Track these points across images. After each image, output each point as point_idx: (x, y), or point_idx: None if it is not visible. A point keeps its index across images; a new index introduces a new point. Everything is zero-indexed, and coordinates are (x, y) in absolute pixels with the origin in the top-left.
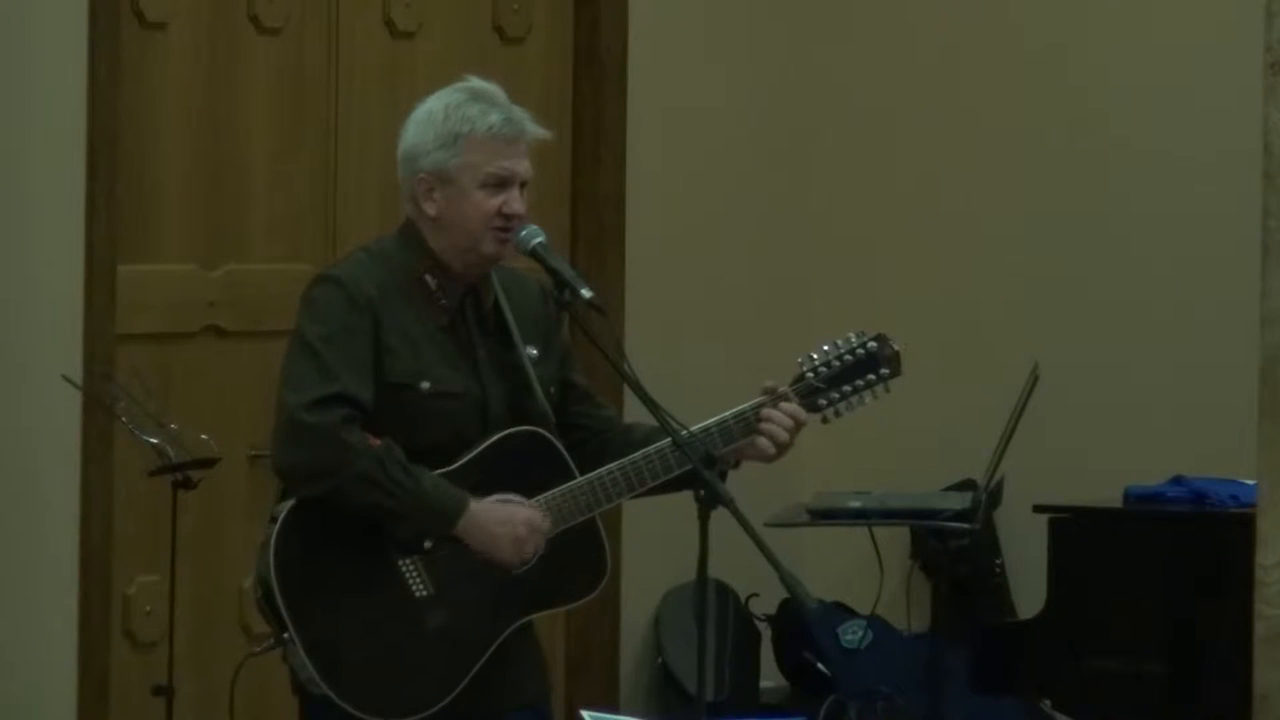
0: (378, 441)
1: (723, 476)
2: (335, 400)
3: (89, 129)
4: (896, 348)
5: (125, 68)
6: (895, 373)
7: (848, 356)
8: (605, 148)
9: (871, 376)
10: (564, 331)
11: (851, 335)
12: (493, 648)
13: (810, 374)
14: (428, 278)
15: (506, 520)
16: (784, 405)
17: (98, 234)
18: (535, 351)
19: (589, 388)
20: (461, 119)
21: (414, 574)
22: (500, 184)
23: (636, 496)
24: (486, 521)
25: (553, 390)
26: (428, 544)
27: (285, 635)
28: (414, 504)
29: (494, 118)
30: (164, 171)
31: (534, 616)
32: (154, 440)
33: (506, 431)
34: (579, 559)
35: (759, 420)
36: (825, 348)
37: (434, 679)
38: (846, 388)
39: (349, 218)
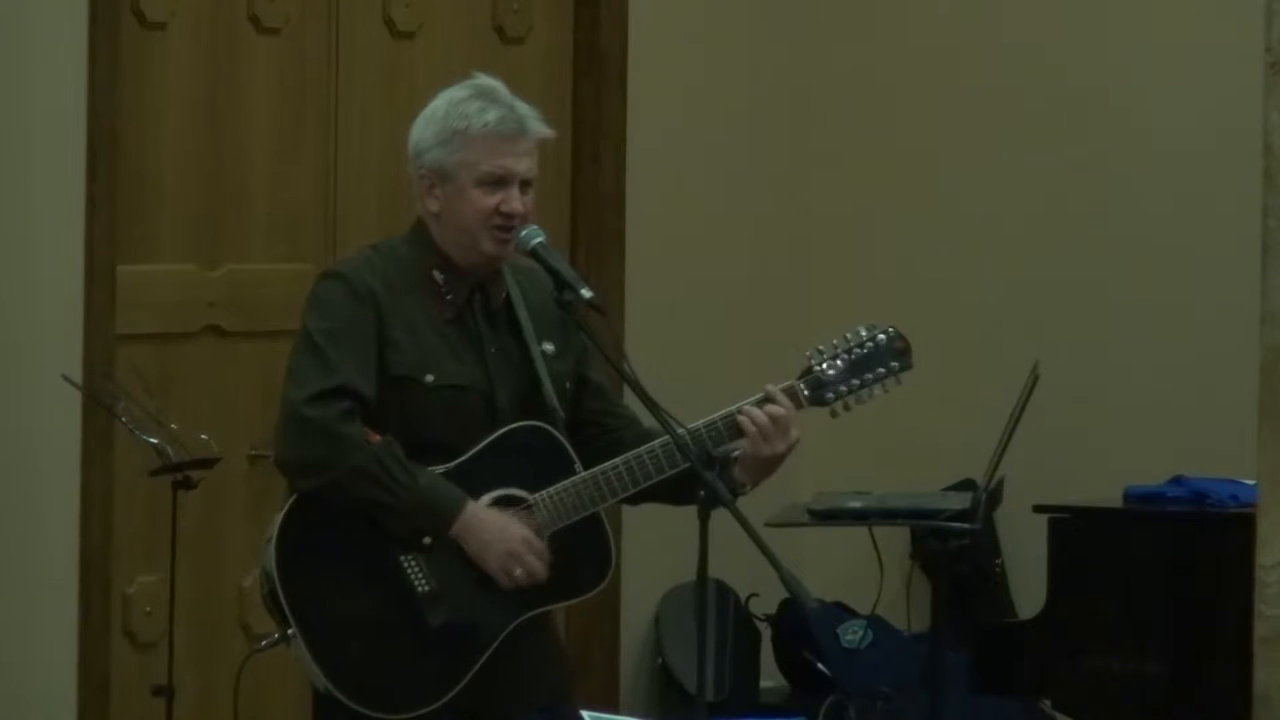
0: (378, 437)
1: (734, 495)
2: (335, 394)
3: (89, 129)
4: (907, 340)
5: (125, 68)
6: (906, 365)
7: (858, 350)
8: (605, 148)
9: (882, 369)
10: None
11: (862, 329)
12: (496, 642)
13: (819, 367)
14: (435, 273)
15: (501, 534)
16: (768, 407)
17: (98, 234)
18: (551, 348)
19: (606, 386)
20: (459, 116)
21: (416, 569)
22: (498, 182)
23: (643, 498)
24: (481, 529)
25: (568, 386)
26: (426, 541)
27: (290, 631)
28: (410, 501)
29: (491, 115)
30: (164, 171)
31: (539, 611)
32: (154, 440)
33: (511, 426)
34: (584, 554)
35: (740, 416)
36: (835, 341)
37: (437, 674)
38: (855, 380)
39: (349, 218)
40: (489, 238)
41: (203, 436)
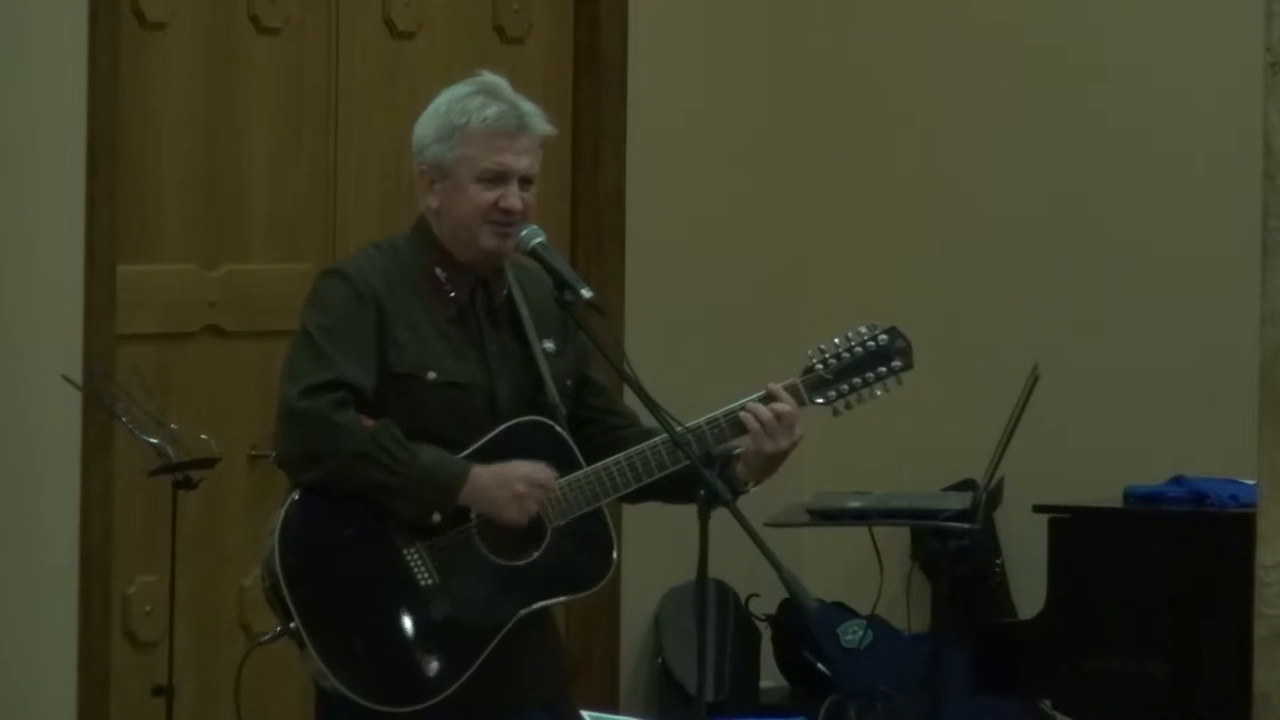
0: (371, 422)
1: (735, 494)
2: (328, 385)
3: (89, 129)
4: (909, 340)
5: (125, 68)
6: (907, 365)
7: (858, 349)
8: (605, 148)
9: (883, 369)
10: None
11: (863, 328)
12: (499, 636)
13: (820, 366)
14: (438, 270)
15: (504, 480)
16: (772, 404)
17: (98, 234)
18: (552, 346)
19: (607, 384)
20: (460, 112)
21: (419, 562)
22: (497, 178)
23: (645, 495)
24: (487, 485)
25: (569, 384)
26: (436, 517)
27: (291, 625)
28: (414, 478)
29: (490, 111)
30: (164, 171)
31: (541, 605)
32: (154, 440)
33: (513, 421)
34: (586, 549)
35: (743, 412)
36: (836, 340)
37: (439, 668)
38: (857, 380)
39: (349, 218)
40: (488, 233)
41: (203, 436)
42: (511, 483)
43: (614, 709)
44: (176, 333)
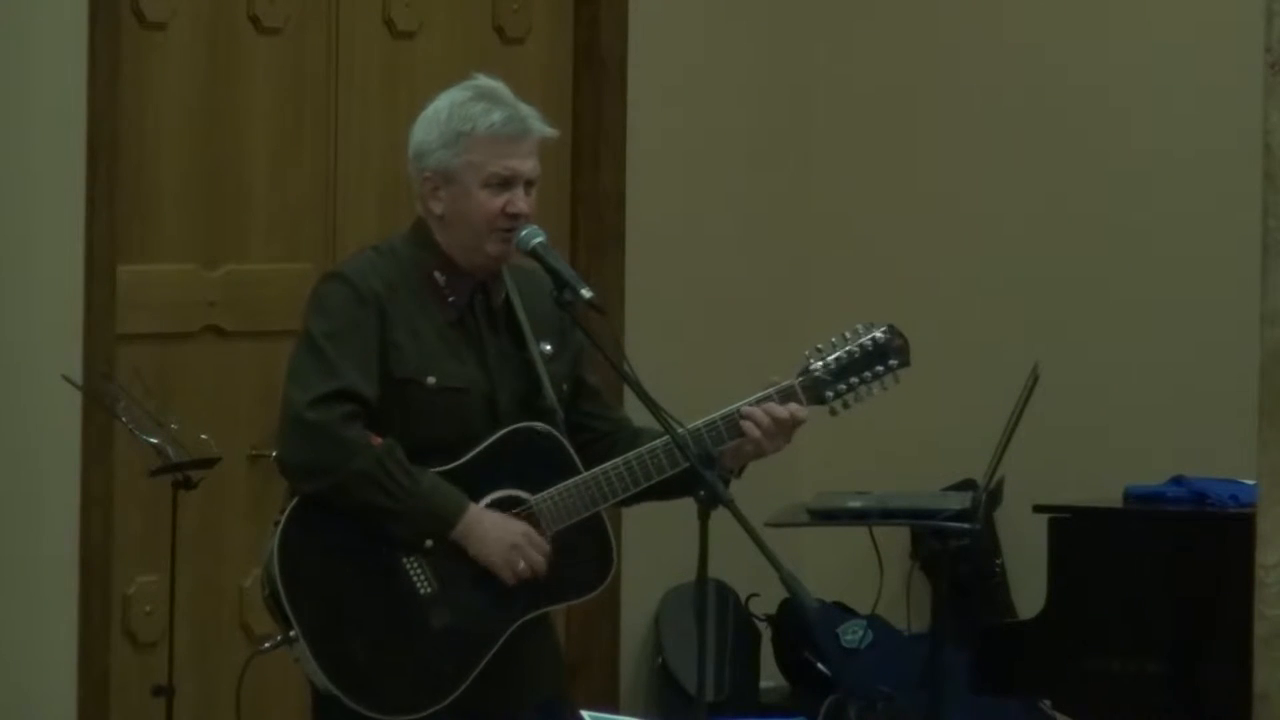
0: (379, 440)
1: (725, 483)
2: (337, 397)
3: (89, 129)
4: (905, 338)
5: (125, 68)
6: (904, 363)
7: (855, 348)
8: (605, 148)
9: (880, 367)
10: (578, 332)
11: (859, 326)
12: (498, 643)
13: (817, 365)
14: (437, 274)
15: (502, 530)
16: (767, 406)
17: (98, 234)
18: (549, 348)
19: (600, 389)
20: (464, 117)
21: (418, 571)
22: (504, 183)
23: (642, 498)
24: (482, 529)
25: (565, 387)
26: (428, 544)
27: (291, 633)
28: (412, 505)
29: (496, 116)
30: (164, 171)
31: (540, 612)
32: (154, 440)
33: (512, 427)
34: (585, 554)
35: (742, 419)
36: (833, 339)
37: (440, 675)
38: (854, 379)
39: (349, 218)
40: (494, 239)
41: (203, 436)
42: (512, 533)
43: (614, 709)
44: (176, 333)
